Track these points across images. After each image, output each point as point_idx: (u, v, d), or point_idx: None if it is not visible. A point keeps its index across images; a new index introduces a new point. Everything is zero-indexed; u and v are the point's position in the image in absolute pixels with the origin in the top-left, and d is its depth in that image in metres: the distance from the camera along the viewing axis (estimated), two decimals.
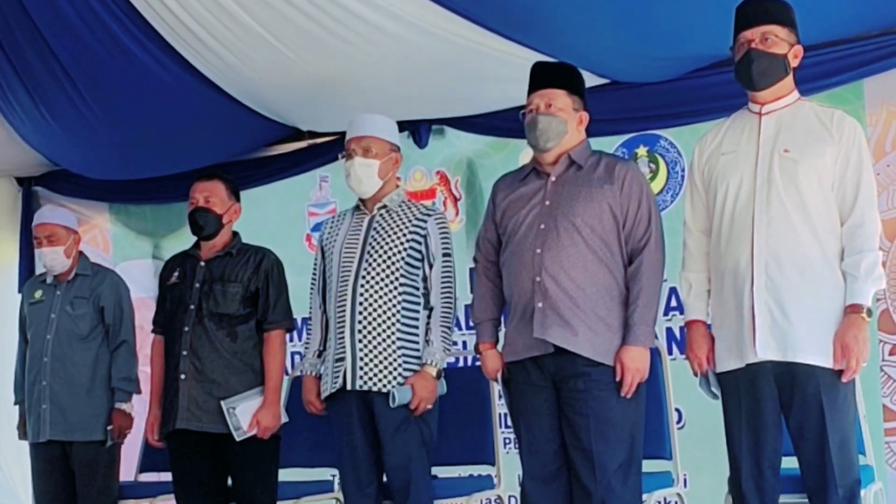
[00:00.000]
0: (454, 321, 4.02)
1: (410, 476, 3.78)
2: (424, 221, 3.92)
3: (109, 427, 4.68)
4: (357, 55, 4.69)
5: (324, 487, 4.57)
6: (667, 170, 5.00)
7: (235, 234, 4.42)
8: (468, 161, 5.49)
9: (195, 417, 4.17)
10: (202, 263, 4.32)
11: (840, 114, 3.32)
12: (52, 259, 4.83)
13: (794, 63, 3.34)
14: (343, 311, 3.84)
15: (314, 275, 4.07)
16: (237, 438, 4.13)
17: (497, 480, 4.20)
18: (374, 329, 3.81)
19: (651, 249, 3.50)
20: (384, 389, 3.77)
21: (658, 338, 4.48)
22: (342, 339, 3.83)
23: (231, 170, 5.33)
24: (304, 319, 4.23)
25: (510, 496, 4.69)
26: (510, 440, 4.54)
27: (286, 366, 4.60)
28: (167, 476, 4.39)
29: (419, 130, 5.42)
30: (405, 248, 3.87)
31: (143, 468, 5.01)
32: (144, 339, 4.79)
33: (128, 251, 6.42)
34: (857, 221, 3.22)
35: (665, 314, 4.82)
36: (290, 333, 4.59)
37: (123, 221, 6.46)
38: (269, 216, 5.81)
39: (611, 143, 4.94)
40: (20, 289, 5.69)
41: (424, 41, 4.53)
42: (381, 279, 3.84)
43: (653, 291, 3.49)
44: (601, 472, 3.41)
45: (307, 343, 4.07)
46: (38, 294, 4.88)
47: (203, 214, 4.33)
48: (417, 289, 3.89)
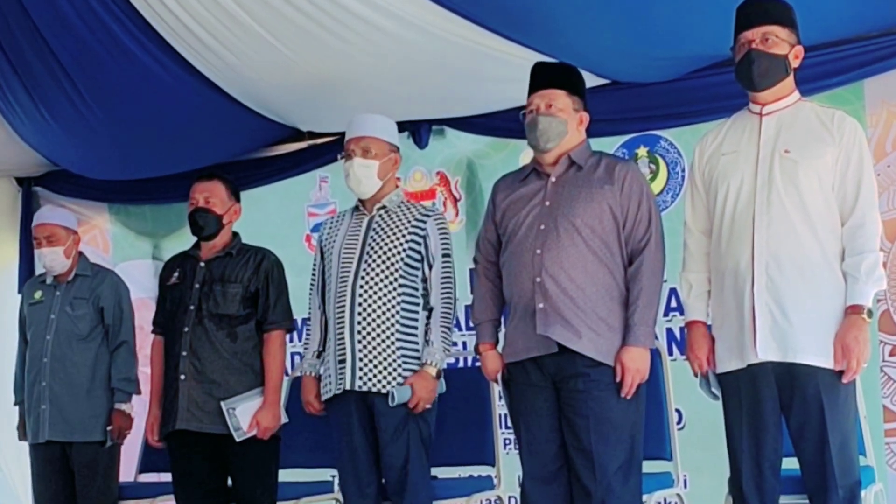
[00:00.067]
0: (454, 321, 4.02)
1: (409, 476, 3.77)
2: (424, 222, 3.92)
3: (109, 427, 4.67)
4: (357, 55, 4.69)
5: (324, 488, 4.57)
6: (667, 170, 5.00)
7: (235, 235, 4.42)
8: (468, 161, 5.48)
9: (195, 418, 4.17)
10: (202, 264, 4.32)
11: (841, 114, 3.32)
12: (52, 259, 4.83)
13: (795, 63, 3.33)
14: (342, 312, 3.84)
15: (313, 275, 4.07)
16: (237, 439, 4.13)
17: (497, 481, 4.20)
18: (374, 329, 3.81)
19: (651, 250, 3.49)
20: (384, 390, 3.77)
21: (658, 338, 4.48)
22: (342, 340, 3.83)
23: (231, 170, 5.33)
24: (304, 320, 4.23)
25: (510, 497, 4.69)
26: (510, 441, 4.54)
27: (286, 366, 4.60)
28: (167, 476, 4.38)
29: (419, 131, 5.42)
30: (404, 249, 3.87)
31: (143, 469, 5.01)
32: (144, 340, 4.78)
33: (127, 251, 6.41)
34: (858, 222, 3.22)
35: (665, 315, 4.81)
36: (290, 334, 4.59)
37: (123, 222, 6.45)
38: (269, 216, 5.81)
39: (611, 144, 4.94)
40: (20, 289, 5.68)
41: (424, 41, 4.53)
42: (381, 279, 3.83)
43: (653, 292, 3.49)
44: (601, 473, 3.40)
45: (306, 343, 4.06)
46: (38, 295, 4.88)
47: (203, 215, 4.33)
48: (416, 289, 3.89)
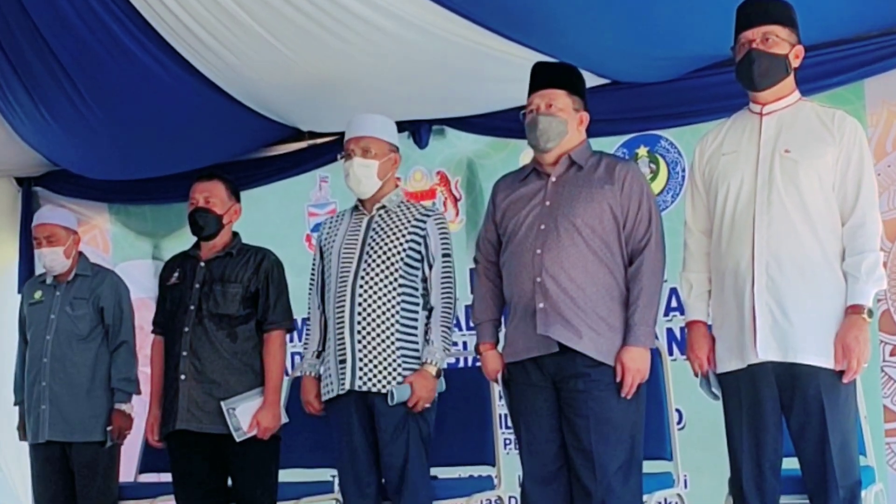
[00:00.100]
0: (454, 321, 4.02)
1: (409, 475, 3.77)
2: (424, 222, 3.92)
3: (109, 428, 4.67)
4: (357, 55, 4.69)
5: (324, 488, 4.57)
6: (667, 170, 5.00)
7: (235, 235, 4.42)
8: (468, 161, 5.48)
9: (195, 418, 4.17)
10: (202, 264, 4.32)
11: (841, 114, 3.31)
12: (52, 259, 4.83)
13: (796, 63, 3.33)
14: (342, 312, 3.84)
15: (312, 275, 4.06)
16: (237, 439, 4.13)
17: (497, 481, 4.19)
18: (374, 329, 3.80)
19: (651, 250, 3.49)
20: (384, 390, 3.77)
21: (658, 338, 4.47)
22: (341, 340, 3.83)
23: (231, 170, 5.33)
24: (304, 320, 4.23)
25: (510, 497, 4.68)
26: (510, 441, 4.53)
27: (286, 366, 4.59)
28: (167, 477, 4.38)
29: (419, 131, 5.41)
30: (404, 249, 3.87)
31: (143, 469, 5.01)
32: (144, 340, 4.78)
33: (127, 251, 6.41)
34: (858, 222, 3.21)
35: (665, 315, 4.81)
36: (291, 334, 4.59)
37: (123, 222, 6.45)
38: (269, 216, 5.81)
39: (611, 144, 4.93)
40: (20, 289, 5.68)
41: (424, 41, 4.52)
42: (380, 279, 3.83)
43: (653, 292, 3.48)
44: (601, 473, 3.40)
45: (306, 343, 4.06)
46: (38, 295, 4.88)
47: (203, 215, 4.33)
48: (416, 289, 3.89)
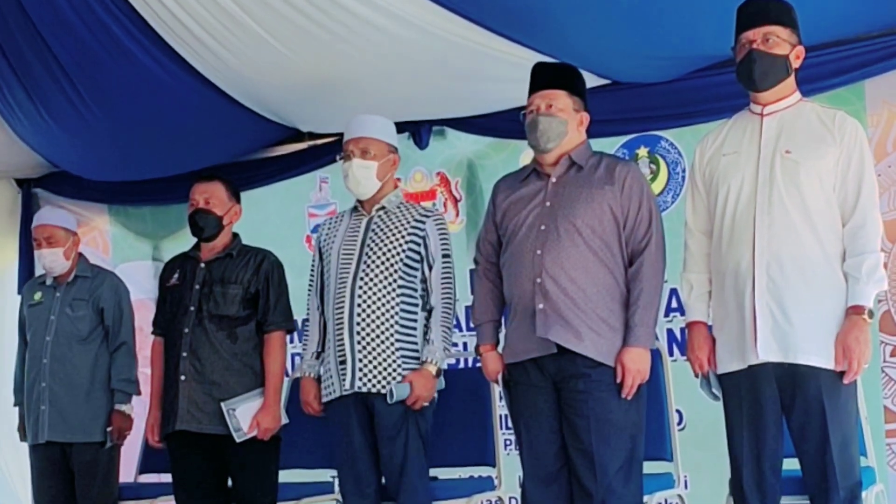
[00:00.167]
0: (454, 322, 4.01)
1: (408, 473, 3.77)
2: (423, 223, 3.92)
3: (109, 428, 4.67)
4: (357, 55, 4.68)
5: (324, 489, 4.57)
6: (667, 171, 4.99)
7: (235, 236, 4.42)
8: (468, 162, 5.48)
9: (195, 419, 4.17)
10: (202, 265, 4.32)
11: (842, 115, 3.31)
12: (52, 260, 4.82)
13: (796, 64, 3.33)
14: (341, 313, 3.84)
15: (311, 276, 4.06)
16: (237, 440, 4.13)
17: (497, 482, 4.19)
18: (373, 331, 3.80)
19: (652, 250, 3.49)
20: (383, 390, 3.76)
21: (659, 339, 4.48)
22: (341, 341, 3.83)
23: (231, 171, 5.34)
24: (305, 321, 4.22)
25: (511, 497, 4.68)
26: (511, 441, 4.53)
27: (286, 367, 4.59)
28: (167, 477, 4.38)
29: (420, 131, 5.41)
30: (404, 250, 3.87)
31: (143, 469, 5.01)
32: (144, 341, 4.78)
33: (127, 253, 6.41)
34: (859, 223, 3.21)
35: (666, 315, 4.81)
36: (291, 335, 4.58)
37: (123, 223, 6.45)
38: (270, 217, 5.80)
39: (612, 144, 4.93)
40: (20, 290, 5.68)
41: (424, 41, 4.52)
42: (380, 280, 3.83)
43: (653, 292, 3.48)
44: (602, 474, 3.40)
45: (305, 344, 4.06)
46: (38, 296, 4.87)
47: (203, 216, 4.33)
48: (415, 290, 3.89)
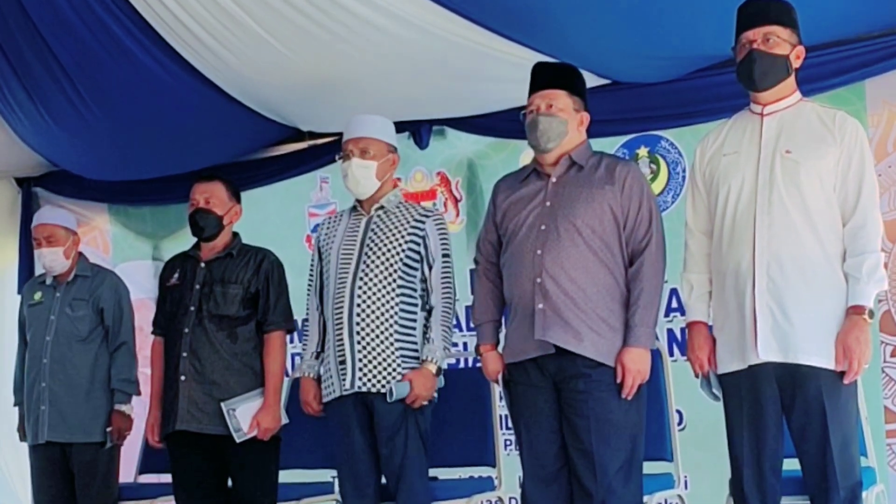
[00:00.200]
0: (454, 321, 4.01)
1: (408, 474, 3.78)
2: (422, 223, 3.91)
3: (109, 429, 4.67)
4: (357, 55, 4.68)
5: (324, 489, 4.57)
6: (668, 171, 4.99)
7: (236, 236, 4.42)
8: (469, 162, 5.48)
9: (195, 419, 4.17)
10: (202, 265, 4.32)
11: (842, 115, 3.31)
12: (52, 260, 4.82)
13: (796, 64, 3.33)
14: (340, 313, 3.83)
15: (311, 276, 4.06)
16: (237, 440, 4.13)
17: (498, 482, 4.19)
18: (372, 331, 3.80)
19: (652, 250, 3.49)
20: (383, 390, 3.76)
21: (659, 339, 4.47)
22: (340, 341, 3.82)
23: (231, 171, 5.33)
24: (305, 321, 4.22)
25: (511, 498, 4.68)
26: (511, 442, 4.53)
27: (286, 367, 4.59)
28: (167, 478, 4.38)
29: (420, 131, 5.41)
30: (403, 250, 3.86)
31: (143, 470, 5.01)
32: (144, 341, 4.78)
33: (127, 252, 6.41)
34: (859, 223, 3.21)
35: (666, 315, 4.81)
36: (291, 335, 4.58)
37: (123, 222, 6.45)
38: (270, 217, 5.80)
39: (612, 144, 4.93)
40: (20, 290, 5.68)
41: (425, 41, 4.52)
42: (379, 280, 3.83)
43: (654, 292, 3.48)
44: (602, 474, 3.40)
45: (304, 344, 4.06)
46: (38, 296, 4.87)
47: (203, 215, 4.33)
48: (415, 290, 3.89)
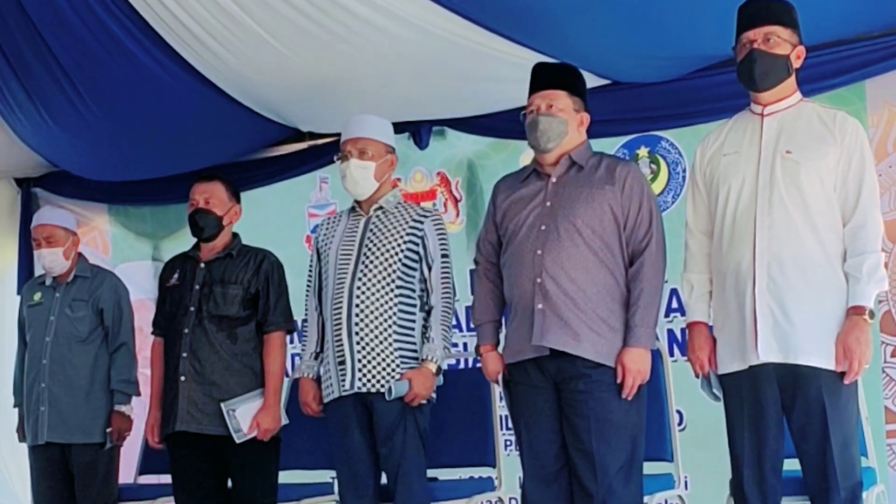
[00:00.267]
0: (454, 321, 4.01)
1: (406, 473, 3.77)
2: (421, 223, 3.91)
3: (108, 429, 4.67)
4: (357, 55, 4.68)
5: (324, 489, 4.56)
6: (668, 171, 4.99)
7: (235, 236, 4.42)
8: (469, 162, 5.47)
9: (195, 419, 4.16)
10: (202, 265, 4.31)
11: (843, 115, 3.30)
12: (51, 260, 4.82)
13: (797, 64, 3.32)
14: (339, 313, 3.83)
15: (310, 276, 4.06)
16: (237, 440, 4.12)
17: (498, 482, 4.19)
18: (371, 331, 3.80)
19: (652, 251, 3.49)
20: (382, 390, 3.76)
21: (659, 339, 4.48)
22: (339, 342, 3.82)
23: (231, 171, 5.33)
24: (304, 321, 4.22)
25: (511, 498, 4.68)
26: (511, 442, 4.53)
27: (286, 368, 4.58)
28: (167, 478, 4.38)
29: (420, 131, 5.41)
30: (402, 250, 3.86)
31: (143, 470, 5.01)
32: (144, 341, 4.77)
33: (127, 253, 6.40)
34: (860, 223, 3.21)
35: (666, 315, 4.81)
36: (291, 335, 4.58)
37: (123, 223, 6.44)
38: (270, 217, 5.80)
39: (612, 144, 4.93)
40: (19, 290, 5.67)
41: (424, 41, 4.52)
42: (378, 281, 3.83)
43: (654, 293, 3.48)
44: (602, 474, 3.40)
45: (303, 345, 4.06)
46: (37, 296, 4.87)
47: (203, 216, 4.32)
48: (414, 290, 3.88)
